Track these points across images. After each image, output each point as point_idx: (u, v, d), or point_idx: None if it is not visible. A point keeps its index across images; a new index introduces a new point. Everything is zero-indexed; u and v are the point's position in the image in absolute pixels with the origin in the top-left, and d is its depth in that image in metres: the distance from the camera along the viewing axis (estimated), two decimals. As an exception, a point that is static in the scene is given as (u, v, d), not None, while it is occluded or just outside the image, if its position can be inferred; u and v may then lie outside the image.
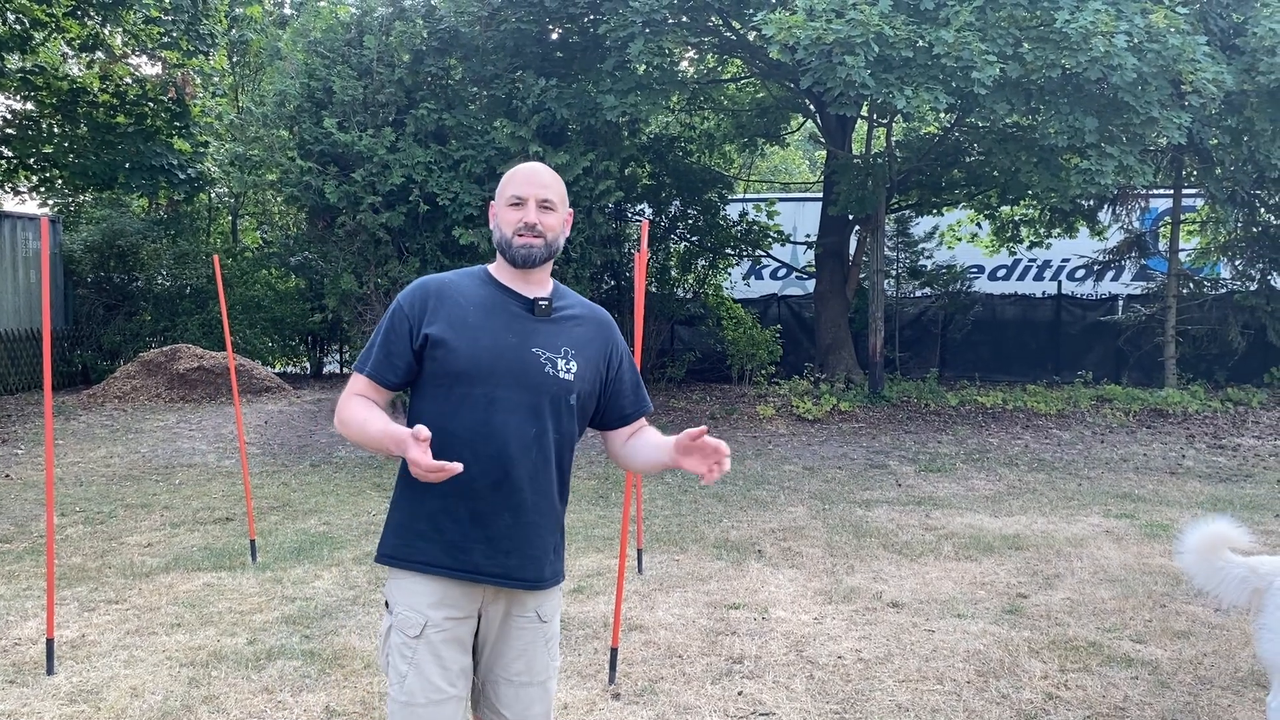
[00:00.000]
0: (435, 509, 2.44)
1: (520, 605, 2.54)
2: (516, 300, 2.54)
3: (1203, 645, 4.91)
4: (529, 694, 2.57)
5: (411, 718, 2.44)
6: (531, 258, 2.51)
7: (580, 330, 2.58)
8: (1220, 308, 15.47)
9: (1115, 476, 9.61)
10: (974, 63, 9.54)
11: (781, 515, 7.86)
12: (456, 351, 2.44)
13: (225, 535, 7.24)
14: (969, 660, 4.69)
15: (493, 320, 2.49)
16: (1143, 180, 10.99)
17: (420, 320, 2.49)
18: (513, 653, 2.55)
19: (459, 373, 2.44)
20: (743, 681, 4.44)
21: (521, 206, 2.51)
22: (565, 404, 2.52)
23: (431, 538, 2.45)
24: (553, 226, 2.53)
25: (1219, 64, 10.18)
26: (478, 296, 2.53)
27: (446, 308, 2.49)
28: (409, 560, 2.47)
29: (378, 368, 2.52)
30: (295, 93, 11.99)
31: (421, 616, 2.44)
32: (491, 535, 2.44)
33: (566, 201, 2.61)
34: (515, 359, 2.46)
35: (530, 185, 2.53)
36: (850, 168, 13.70)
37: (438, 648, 2.44)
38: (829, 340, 15.18)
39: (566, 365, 2.52)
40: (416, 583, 2.46)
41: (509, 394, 2.44)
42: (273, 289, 17.51)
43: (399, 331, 2.51)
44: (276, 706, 4.18)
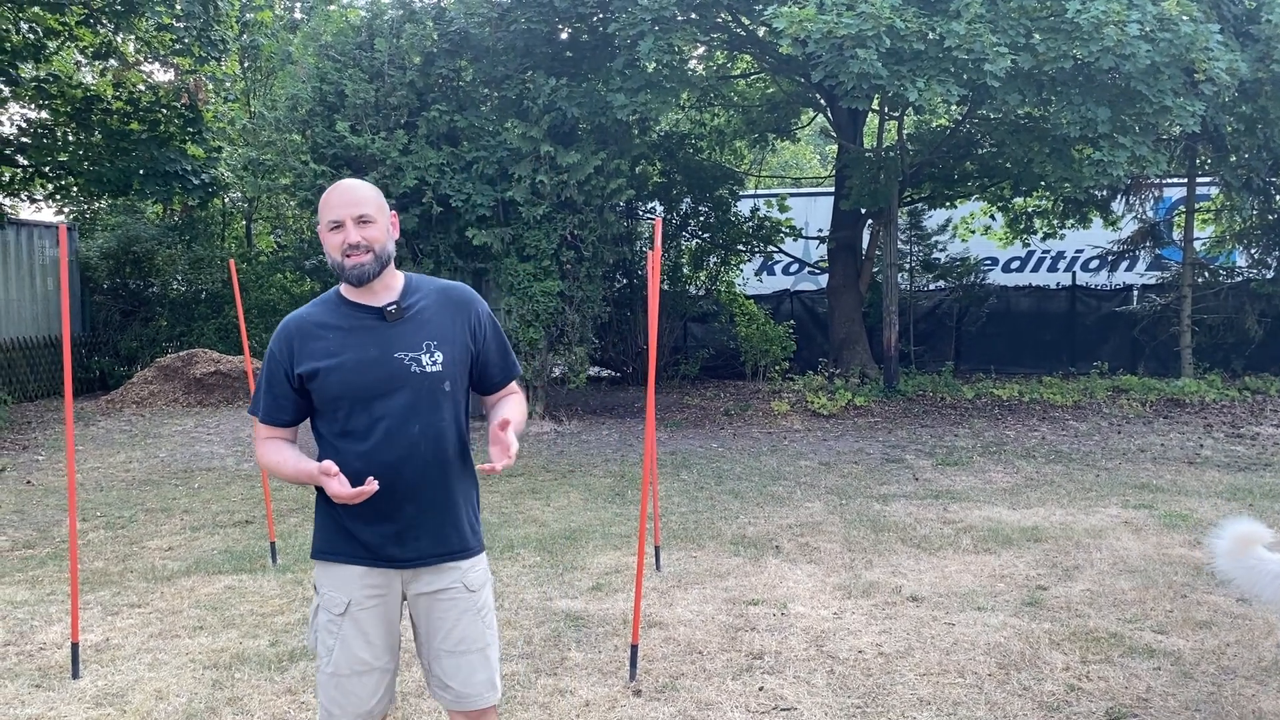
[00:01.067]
0: (349, 512, 2.66)
1: (443, 579, 2.74)
2: (368, 313, 2.70)
3: (1225, 635, 4.89)
4: (469, 662, 2.75)
5: (338, 689, 2.70)
6: (365, 275, 2.67)
7: (436, 320, 2.74)
8: (1236, 296, 15.37)
9: (1133, 467, 9.58)
10: (986, 54, 9.51)
11: (798, 511, 7.86)
12: (329, 380, 2.65)
13: (245, 538, 7.29)
14: (990, 653, 4.69)
15: (352, 339, 2.67)
16: (1156, 170, 10.93)
17: (291, 361, 2.69)
18: (447, 625, 2.74)
19: (336, 398, 2.65)
20: (763, 677, 4.45)
21: (341, 229, 2.66)
22: (441, 392, 2.70)
23: (349, 538, 2.69)
24: (377, 238, 2.67)
25: (1232, 51, 10.12)
26: (333, 320, 2.71)
27: (309, 342, 2.68)
28: (334, 554, 2.72)
29: (269, 412, 2.75)
30: (307, 96, 12.03)
31: (345, 595, 2.69)
32: (399, 529, 2.67)
33: (385, 206, 2.75)
34: (380, 370, 2.65)
35: (344, 206, 2.67)
36: (862, 161, 13.68)
37: (361, 623, 2.69)
38: (843, 335, 15.16)
39: (431, 359, 2.69)
40: (341, 568, 2.71)
41: (385, 403, 2.64)
42: (288, 293, 17.58)
43: (276, 376, 2.72)
44: (300, 707, 4.21)
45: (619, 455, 10.50)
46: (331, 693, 2.71)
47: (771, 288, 18.93)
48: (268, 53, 18.68)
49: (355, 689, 2.70)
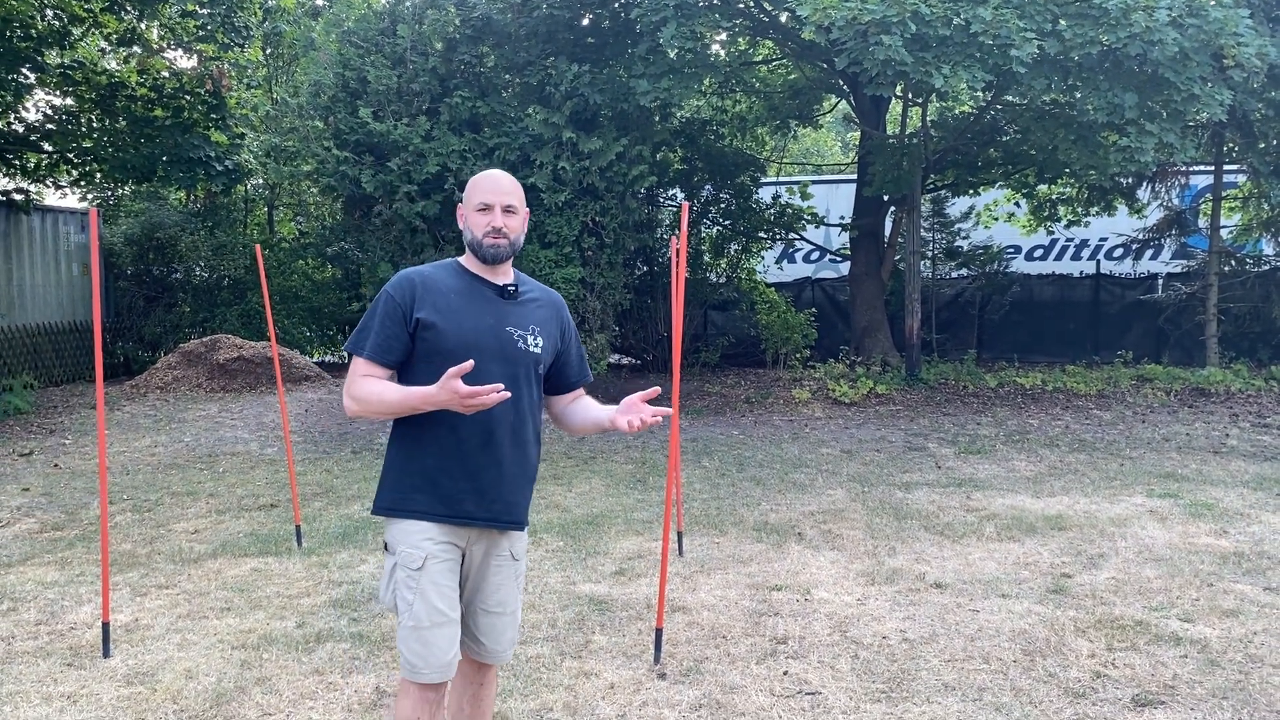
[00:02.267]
0: (431, 467, 2.84)
1: (498, 546, 2.96)
2: (489, 287, 2.94)
3: (1252, 624, 4.86)
4: (504, 623, 3.01)
5: (420, 640, 2.81)
6: (499, 256, 2.92)
7: (541, 311, 3.02)
8: (1263, 285, 15.22)
9: (1158, 456, 9.52)
10: (1012, 40, 9.43)
11: (820, 498, 7.85)
12: (445, 332, 2.83)
13: (270, 521, 7.34)
14: (1015, 640, 4.68)
15: (472, 304, 2.89)
16: (1184, 157, 10.83)
17: (410, 306, 2.84)
18: (490, 587, 2.98)
19: (449, 350, 2.81)
20: (788, 661, 4.46)
21: (489, 211, 2.91)
22: (535, 373, 2.96)
23: (428, 491, 2.84)
24: (515, 228, 2.95)
25: (1262, 37, 10.00)
26: (455, 285, 2.91)
27: (432, 295, 2.86)
28: (408, 510, 2.85)
29: (377, 350, 2.85)
30: (330, 83, 12.06)
31: (422, 551, 2.82)
32: (480, 487, 2.85)
33: (525, 203, 3.01)
34: (494, 336, 2.87)
35: (496, 193, 2.92)
36: (885, 148, 13.60)
37: (437, 577, 2.83)
38: (864, 323, 15.11)
39: (534, 340, 2.95)
40: (416, 525, 2.84)
41: (491, 366, 2.82)
42: (310, 279, 17.66)
43: (393, 317, 2.85)
44: (328, 688, 4.25)
45: (640, 442, 10.51)
46: (414, 645, 2.81)
47: (792, 275, 18.88)
48: (290, 39, 18.73)
49: (436, 640, 2.81)
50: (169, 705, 4.09)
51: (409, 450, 2.88)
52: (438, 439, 2.84)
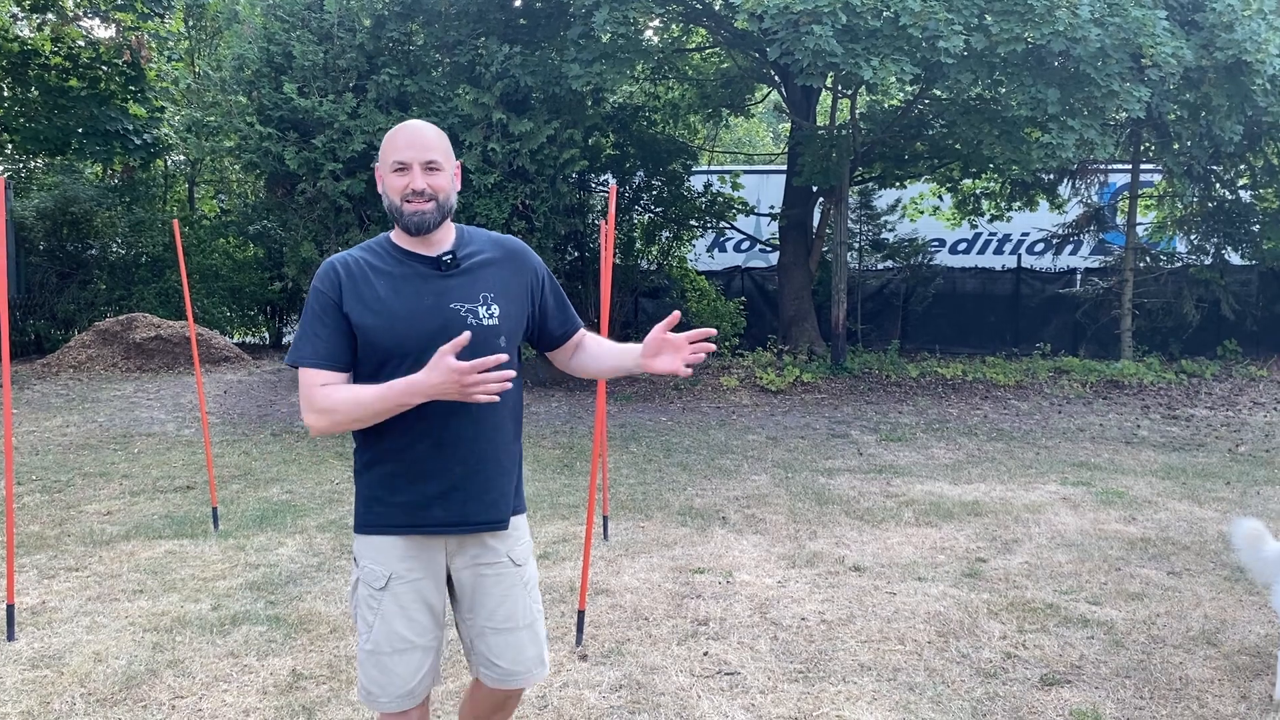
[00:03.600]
0: (389, 474, 2.50)
1: (488, 553, 2.59)
2: (422, 262, 2.51)
3: (1156, 606, 5.02)
4: (518, 639, 2.62)
5: (377, 666, 2.53)
6: (425, 223, 2.47)
7: (493, 271, 2.56)
8: (1176, 281, 15.73)
9: (1072, 446, 9.77)
10: (940, 33, 9.58)
11: (745, 483, 7.92)
12: (377, 331, 2.43)
13: (186, 503, 7.18)
14: (929, 621, 4.77)
15: (404, 289, 2.47)
16: (1103, 153, 11.12)
17: (339, 299, 2.45)
18: (494, 601, 2.59)
19: (386, 351, 2.43)
20: (708, 643, 4.49)
21: (406, 171, 2.47)
22: (496, 348, 2.47)
23: (390, 502, 2.51)
24: (442, 187, 2.49)
25: (1178, 39, 10.30)
26: (384, 268, 2.49)
27: (358, 287, 2.46)
28: (374, 525, 2.53)
29: (328, 354, 2.45)
30: (254, 57, 11.79)
31: (386, 569, 2.51)
32: (445, 489, 2.49)
33: (453, 155, 2.56)
34: (435, 321, 2.44)
35: (413, 148, 2.47)
36: (814, 139, 13.73)
37: (402, 599, 2.51)
38: (792, 312, 15.26)
39: (488, 311, 2.51)
40: (382, 540, 2.53)
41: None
42: (231, 258, 17.30)
43: (329, 313, 2.45)
44: (242, 670, 4.17)
45: (568, 427, 10.49)
46: (371, 671, 2.53)
47: (723, 264, 18.99)
48: (213, 11, 18.25)
49: (396, 668, 2.52)
50: (76, 688, 3.98)
51: (367, 457, 2.53)
52: (392, 441, 2.47)
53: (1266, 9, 10.73)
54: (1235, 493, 7.70)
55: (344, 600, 5.03)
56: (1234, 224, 15.65)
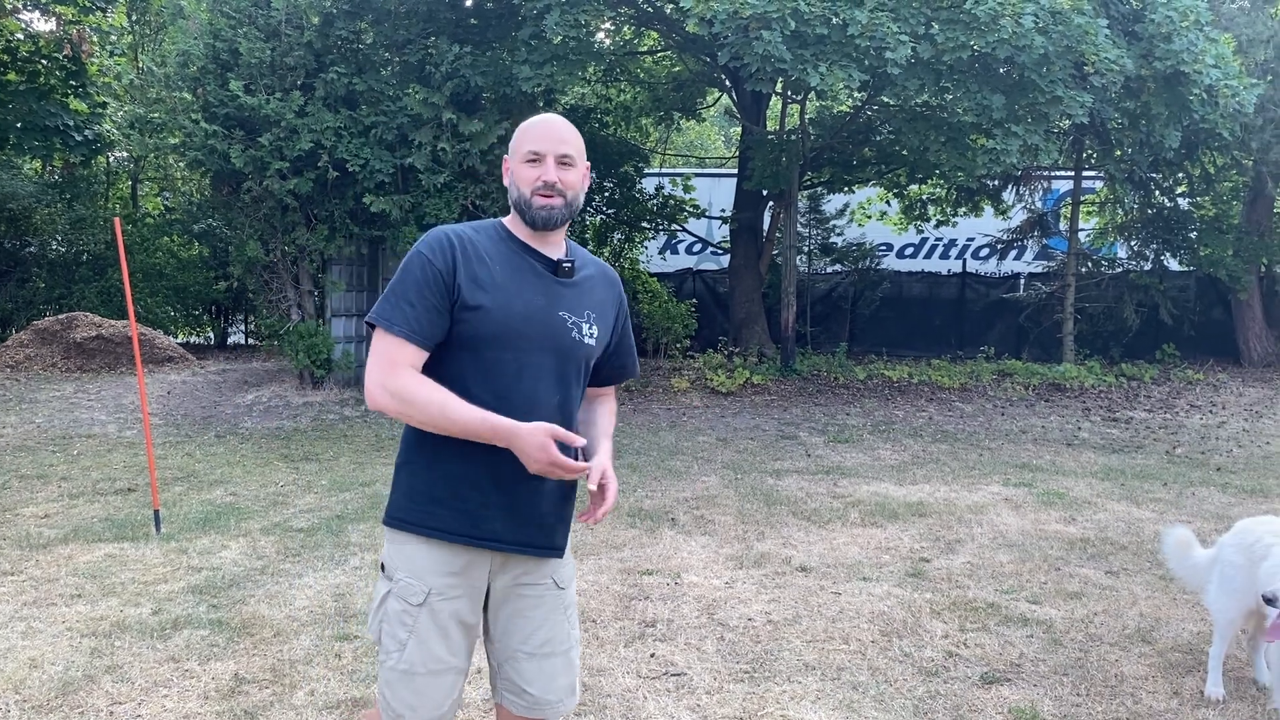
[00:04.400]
0: (455, 474, 2.31)
1: (534, 574, 2.42)
2: (539, 260, 2.38)
3: (1093, 605, 5.13)
4: (553, 665, 2.44)
5: (409, 687, 2.34)
6: (552, 219, 2.35)
7: (598, 292, 2.47)
8: (1116, 286, 16.05)
9: (1014, 447, 9.94)
10: (887, 42, 9.70)
11: (695, 485, 7.96)
12: (489, 313, 2.28)
13: (127, 506, 7.05)
14: (873, 621, 4.83)
15: (520, 281, 2.34)
16: (1047, 159, 11.32)
17: (452, 275, 2.28)
18: (532, 625, 2.42)
19: (491, 336, 2.28)
20: (655, 644, 4.51)
21: (539, 163, 2.35)
22: (585, 368, 2.44)
23: (450, 504, 2.31)
24: (573, 184, 2.38)
25: (1119, 47, 10.52)
26: (499, 254, 2.36)
27: (473, 265, 2.31)
28: (422, 526, 2.33)
29: (417, 328, 2.26)
30: (199, 53, 11.62)
31: (425, 584, 2.32)
32: (513, 503, 2.32)
33: (585, 154, 2.44)
34: (544, 323, 2.33)
35: (548, 140, 2.35)
36: (765, 144, 13.83)
37: (441, 616, 2.33)
38: (743, 315, 15.35)
39: (589, 329, 2.41)
40: (423, 548, 2.33)
41: (538, 359, 2.32)
42: (175, 256, 17.03)
43: (433, 287, 2.27)
44: (183, 675, 4.11)
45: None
46: (402, 693, 2.33)
47: (675, 266, 19.06)
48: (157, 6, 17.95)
49: (430, 690, 2.34)
50: (11, 695, 3.90)
51: (431, 452, 2.32)
52: (469, 440, 2.26)
53: (1203, 21, 11.00)
54: (1172, 494, 7.89)
55: (289, 604, 4.98)
56: (1172, 231, 16.01)
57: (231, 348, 17.45)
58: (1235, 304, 15.44)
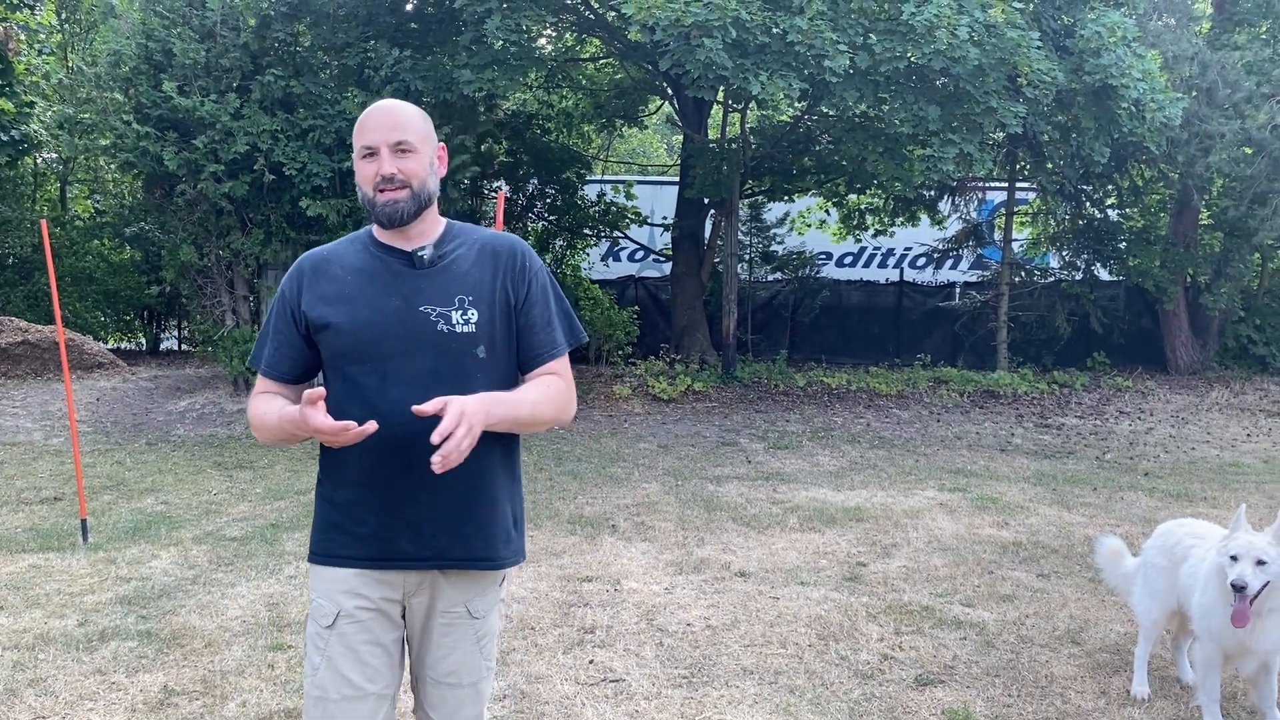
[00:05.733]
0: (350, 500, 2.25)
1: (448, 598, 2.30)
2: (397, 257, 2.27)
3: (1025, 608, 5.23)
4: (458, 696, 2.35)
5: (323, 714, 2.25)
6: (399, 215, 2.23)
7: (474, 272, 2.28)
8: (1049, 296, 16.38)
9: (950, 453, 10.10)
10: (826, 51, 9.82)
11: (635, 491, 7.96)
12: (339, 329, 2.22)
13: (53, 515, 6.87)
14: (811, 625, 4.87)
15: (373, 286, 2.24)
16: (982, 169, 11.54)
17: (299, 301, 2.27)
18: (440, 651, 2.32)
19: (345, 352, 2.22)
20: (594, 650, 4.50)
21: (375, 157, 2.23)
22: (472, 358, 2.23)
23: (350, 530, 2.25)
24: (416, 172, 2.24)
25: (1051, 61, 10.77)
26: (357, 263, 2.27)
27: (323, 283, 2.26)
28: (330, 555, 2.28)
29: (270, 361, 2.31)
30: (131, 53, 11.38)
31: (334, 605, 2.25)
32: (414, 519, 2.22)
33: (433, 137, 2.31)
34: (401, 324, 2.20)
35: (381, 130, 2.24)
36: (706, 152, 13.91)
37: (351, 639, 2.25)
38: (684, 322, 15.40)
39: (464, 316, 2.24)
40: (335, 573, 2.27)
41: (404, 363, 2.19)
42: (106, 260, 16.64)
43: (283, 319, 2.30)
44: (110, 688, 4.01)
45: (457, 435, 10.38)
46: (316, 718, 2.26)
47: (617, 273, 19.05)
48: (88, 5, 17.57)
49: (344, 717, 2.24)
50: (-74, 712, 3.78)
51: (329, 479, 2.29)
52: (357, 462, 2.21)
53: (1130, 37, 11.30)
54: (1101, 498, 8.07)
55: (220, 614, 4.89)
56: (1102, 241, 16.39)
57: (164, 354, 17.09)
58: (1163, 313, 15.84)
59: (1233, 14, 14.93)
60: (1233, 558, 3.60)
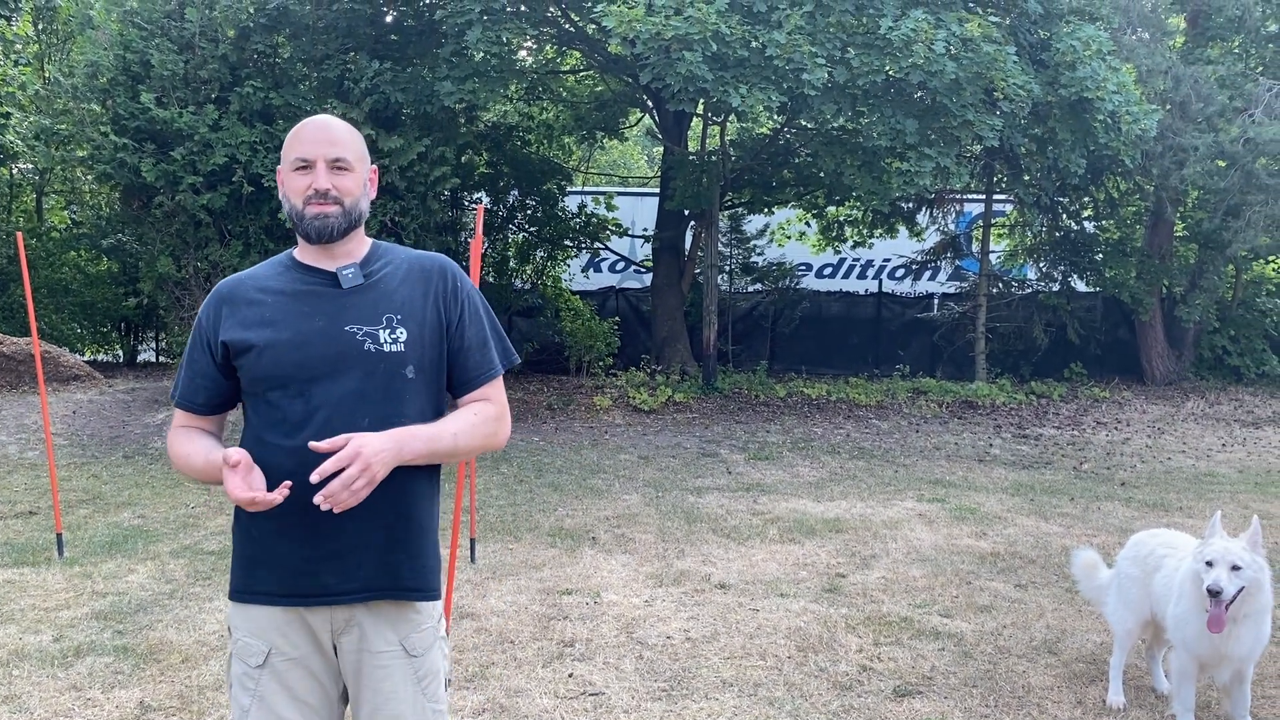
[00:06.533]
0: (270, 531, 2.12)
1: (379, 635, 2.16)
2: (320, 277, 2.19)
3: (1002, 618, 5.26)
4: None
5: None
6: (328, 229, 2.16)
7: (402, 290, 2.21)
8: (1026, 307, 16.50)
9: (928, 464, 10.15)
10: (804, 65, 9.88)
11: (616, 503, 7.97)
12: (258, 354, 2.12)
13: (28, 530, 6.82)
14: (790, 637, 4.89)
15: (295, 308, 2.15)
16: (959, 182, 11.62)
17: (215, 329, 2.18)
18: (380, 697, 2.15)
19: (265, 377, 2.12)
20: (573, 664, 4.50)
21: (309, 170, 2.16)
22: (401, 379, 2.15)
23: (272, 565, 2.13)
24: (350, 190, 2.18)
25: (1027, 74, 10.87)
26: (278, 284, 2.19)
27: (241, 308, 2.17)
28: (250, 593, 2.16)
29: (184, 392, 2.23)
30: (109, 64, 11.32)
31: (265, 643, 2.14)
32: (338, 549, 2.10)
33: (367, 158, 2.26)
34: (325, 344, 2.11)
35: (318, 144, 2.16)
36: (686, 164, 13.96)
37: (286, 677, 2.13)
38: (665, 333, 15.42)
39: (391, 335, 2.15)
40: (261, 610, 2.16)
41: (329, 386, 2.10)
42: (83, 272, 16.52)
43: (197, 349, 2.21)
44: (86, 704, 3.98)
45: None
46: None
47: (598, 284, 19.06)
48: (65, 15, 17.47)
49: None
50: (-103, 730, 3.74)
51: (240, 521, 2.18)
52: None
53: (1104, 51, 11.43)
54: (1078, 508, 8.13)
55: (198, 628, 4.86)
56: (1079, 253, 16.53)
57: (141, 366, 16.96)
58: (1139, 325, 15.98)
59: (1205, 29, 15.11)
60: (1208, 563, 3.63)
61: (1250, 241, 13.61)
